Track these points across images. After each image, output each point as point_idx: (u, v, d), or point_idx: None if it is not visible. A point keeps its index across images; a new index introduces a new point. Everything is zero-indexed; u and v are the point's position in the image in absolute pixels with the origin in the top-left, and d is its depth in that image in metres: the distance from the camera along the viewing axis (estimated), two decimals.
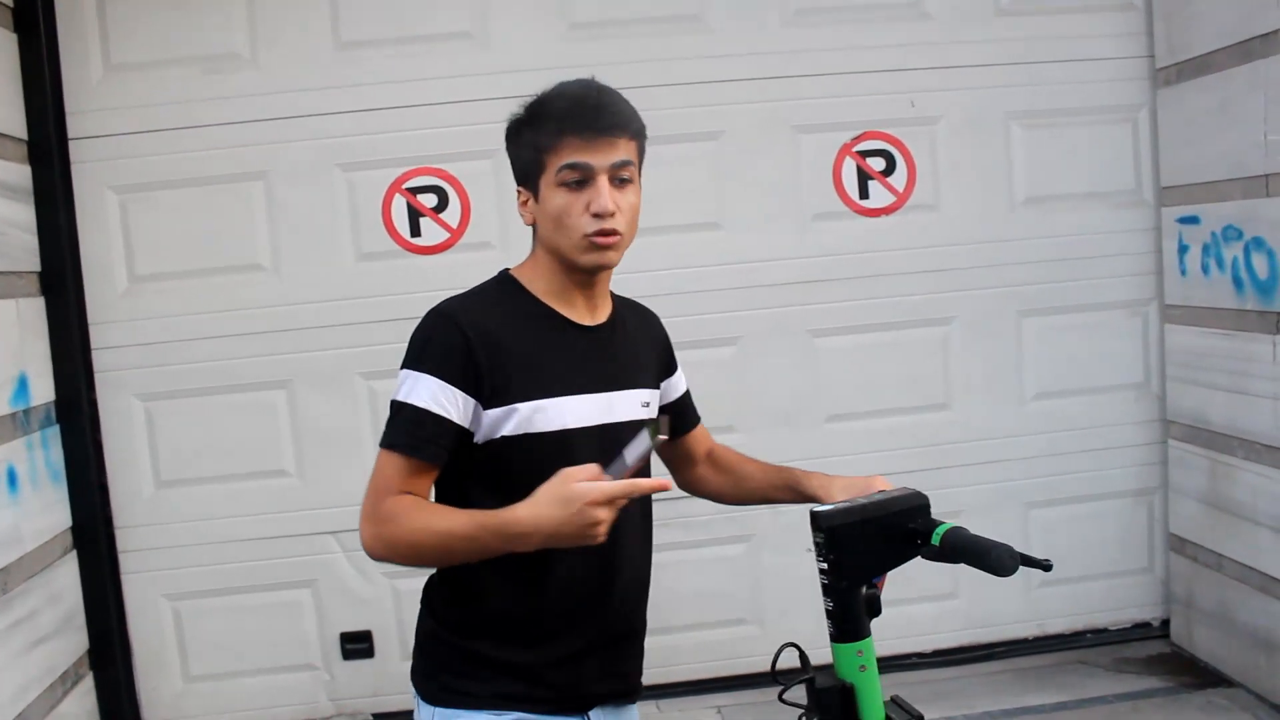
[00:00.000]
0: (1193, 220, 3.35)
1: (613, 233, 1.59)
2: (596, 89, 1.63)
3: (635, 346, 1.78)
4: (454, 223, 3.34)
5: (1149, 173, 3.56)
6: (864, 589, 1.48)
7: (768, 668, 1.58)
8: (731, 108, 3.42)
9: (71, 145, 3.20)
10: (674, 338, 1.90)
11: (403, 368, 1.59)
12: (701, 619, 3.54)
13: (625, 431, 1.59)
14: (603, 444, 1.59)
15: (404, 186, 3.31)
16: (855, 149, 3.47)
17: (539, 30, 3.34)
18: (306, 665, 3.43)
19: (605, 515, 1.41)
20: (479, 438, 1.59)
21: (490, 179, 3.32)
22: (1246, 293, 3.13)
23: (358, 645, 3.44)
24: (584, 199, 1.58)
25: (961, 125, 3.50)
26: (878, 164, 3.48)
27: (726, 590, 3.57)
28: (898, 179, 3.49)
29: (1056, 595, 3.63)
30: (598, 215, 1.57)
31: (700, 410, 2.01)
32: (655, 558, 1.77)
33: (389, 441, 1.58)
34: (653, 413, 1.74)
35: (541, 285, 1.66)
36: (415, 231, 3.34)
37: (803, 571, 3.38)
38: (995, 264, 3.54)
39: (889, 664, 3.53)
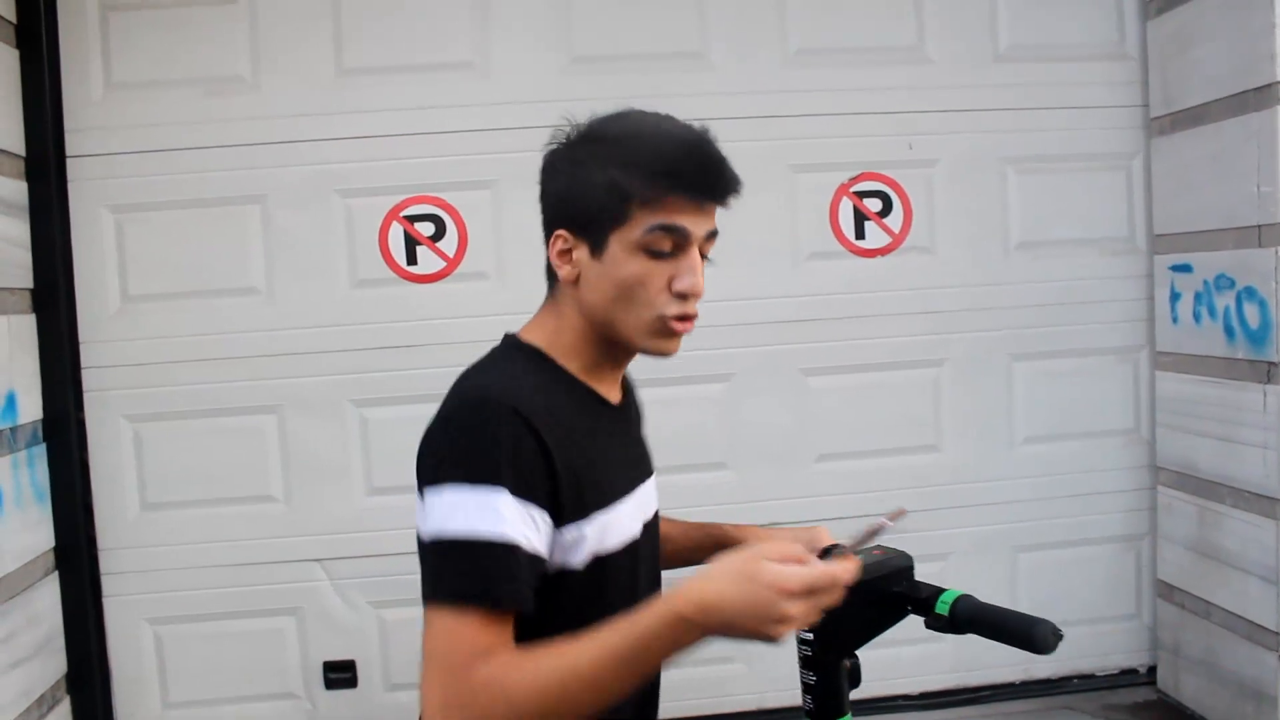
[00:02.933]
0: (1185, 269, 3.38)
1: (692, 318, 1.33)
2: (708, 139, 1.34)
3: (640, 420, 1.58)
4: (451, 252, 3.34)
5: (1142, 220, 3.59)
6: (846, 661, 1.40)
7: (754, 707, 1.54)
8: (731, 145, 3.39)
9: (69, 162, 3.18)
10: (667, 373, 1.86)
11: (441, 482, 1.20)
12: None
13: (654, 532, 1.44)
14: (647, 551, 1.42)
15: (402, 214, 3.31)
16: (852, 189, 3.49)
17: (540, 62, 3.35)
18: (288, 694, 3.38)
19: (797, 612, 1.09)
20: (548, 569, 1.25)
21: (488, 209, 3.33)
22: (1238, 341, 3.15)
23: (341, 675, 3.39)
24: (667, 271, 1.30)
25: (958, 169, 3.52)
26: (874, 205, 3.49)
27: None
28: (894, 220, 3.50)
29: None
30: (683, 296, 1.30)
31: (691, 447, 1.98)
32: None
33: (456, 592, 1.16)
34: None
35: (574, 358, 1.36)
36: (411, 259, 3.33)
37: None
38: (988, 307, 3.55)
39: (875, 706, 3.56)
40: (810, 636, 1.35)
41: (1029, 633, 1.28)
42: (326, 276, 3.31)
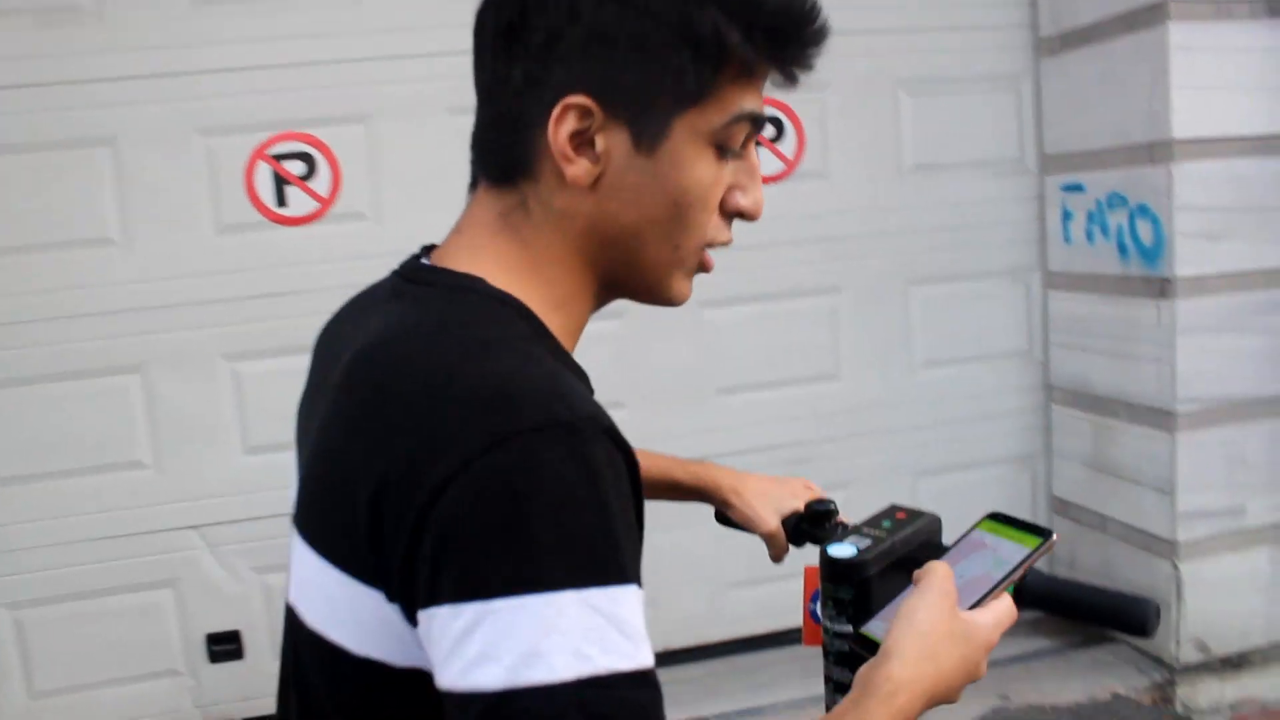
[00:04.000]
0: (1077, 188, 3.38)
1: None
2: None
3: None
4: (324, 192, 3.11)
5: (1032, 141, 3.57)
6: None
7: (659, 648, 1.40)
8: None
9: None
10: None
11: (523, 590, 0.71)
12: None
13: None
14: None
15: (268, 153, 3.06)
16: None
17: None
18: (169, 671, 3.16)
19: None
20: None
21: (363, 146, 3.10)
22: (1131, 259, 3.16)
23: (225, 646, 3.19)
24: (726, 180, 0.92)
25: (850, 92, 3.43)
26: (769, 134, 3.39)
27: None
28: (786, 146, 3.41)
29: None
30: (742, 216, 0.95)
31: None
32: None
33: None
34: None
35: (558, 319, 0.92)
36: (281, 201, 3.09)
37: (698, 551, 3.33)
38: (884, 232, 3.49)
39: (782, 639, 3.52)
40: (849, 629, 1.15)
41: (1131, 614, 1.08)
42: (188, 222, 3.04)
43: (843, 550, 1.17)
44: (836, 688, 1.20)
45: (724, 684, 3.41)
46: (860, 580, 1.15)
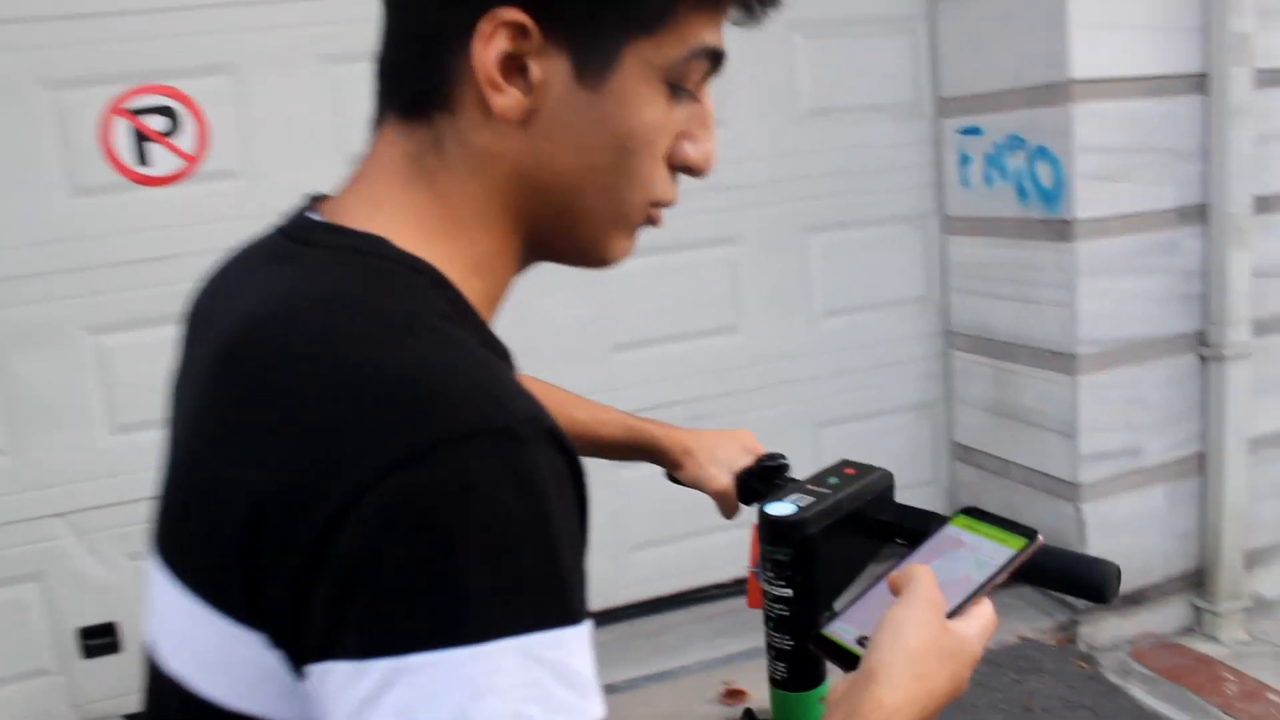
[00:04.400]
0: (974, 131, 3.33)
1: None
2: None
3: None
4: (189, 149, 2.87)
5: (928, 84, 3.51)
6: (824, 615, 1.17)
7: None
8: None
9: None
10: None
11: (447, 643, 0.57)
12: None
13: None
14: None
15: (125, 107, 2.81)
16: None
17: None
18: (38, 671, 2.94)
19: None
20: None
21: (229, 98, 2.87)
22: (1031, 201, 3.13)
23: (100, 640, 2.98)
24: (677, 126, 0.79)
25: (743, 35, 3.31)
26: None
27: None
28: None
29: None
30: (690, 171, 0.82)
31: None
32: None
33: None
34: None
35: (477, 284, 0.77)
36: (143, 160, 2.84)
37: (599, 514, 3.22)
38: (781, 179, 3.40)
39: (688, 599, 3.46)
40: (788, 593, 1.07)
41: (1089, 577, 1.01)
42: (38, 184, 2.78)
43: (781, 509, 1.07)
44: (778, 655, 1.10)
45: (631, 648, 3.33)
46: (801, 540, 1.05)
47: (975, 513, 1.01)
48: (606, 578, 3.43)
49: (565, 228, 0.79)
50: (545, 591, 0.60)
